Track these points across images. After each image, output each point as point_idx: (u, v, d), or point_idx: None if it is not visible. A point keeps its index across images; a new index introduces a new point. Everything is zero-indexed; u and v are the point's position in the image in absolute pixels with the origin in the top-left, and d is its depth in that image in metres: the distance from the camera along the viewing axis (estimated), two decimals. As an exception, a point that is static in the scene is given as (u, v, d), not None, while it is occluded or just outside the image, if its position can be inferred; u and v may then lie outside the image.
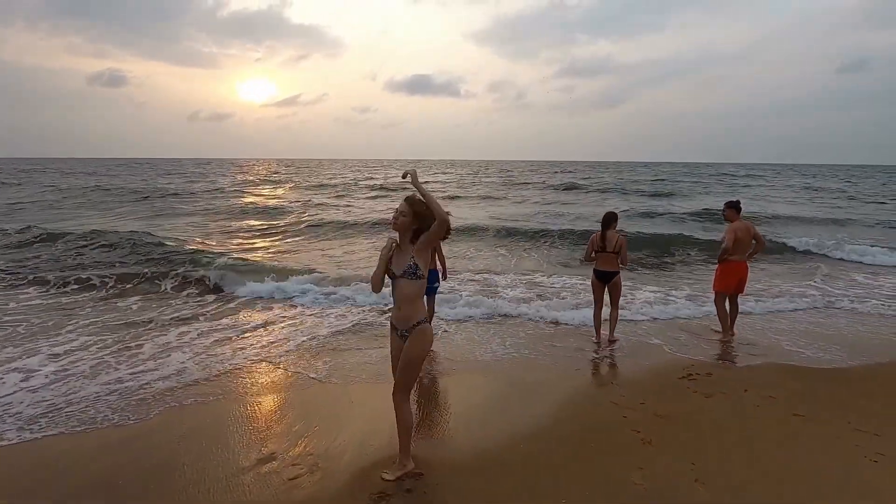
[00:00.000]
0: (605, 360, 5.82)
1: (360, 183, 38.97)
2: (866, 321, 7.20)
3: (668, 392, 4.77)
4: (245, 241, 14.56)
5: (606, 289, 6.24)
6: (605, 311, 6.40)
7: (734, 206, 6.43)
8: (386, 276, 3.29)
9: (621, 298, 6.47)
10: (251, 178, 47.98)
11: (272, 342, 6.19)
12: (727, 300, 6.54)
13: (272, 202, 24.64)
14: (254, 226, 17.62)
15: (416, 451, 3.58)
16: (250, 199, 26.70)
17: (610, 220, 6.12)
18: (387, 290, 3.40)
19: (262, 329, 6.70)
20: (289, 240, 15.13)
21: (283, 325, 6.91)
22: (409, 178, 3.21)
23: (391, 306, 3.43)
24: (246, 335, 6.45)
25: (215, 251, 11.86)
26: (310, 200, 25.54)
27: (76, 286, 8.79)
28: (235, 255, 11.24)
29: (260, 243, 14.36)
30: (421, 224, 3.14)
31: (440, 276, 6.18)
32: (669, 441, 3.83)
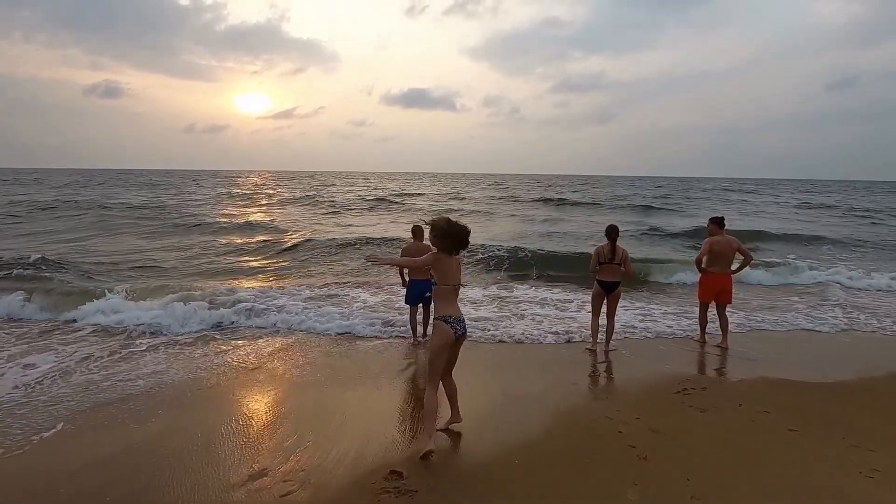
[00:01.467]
0: (600, 373, 5.81)
1: (327, 197, 37.41)
2: (860, 337, 7.26)
3: (663, 407, 4.76)
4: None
5: (606, 299, 6.39)
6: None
7: (716, 221, 6.70)
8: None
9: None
10: (236, 190, 46.36)
11: (259, 355, 6.13)
12: (716, 312, 6.73)
13: (220, 218, 22.62)
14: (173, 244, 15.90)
15: (407, 466, 3.54)
16: (209, 214, 24.72)
17: (615, 231, 6.31)
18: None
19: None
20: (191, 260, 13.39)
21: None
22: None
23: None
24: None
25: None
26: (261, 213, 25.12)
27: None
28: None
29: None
30: (438, 242, 3.76)
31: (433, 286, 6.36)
32: (665, 456, 3.80)
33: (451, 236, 3.72)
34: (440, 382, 3.96)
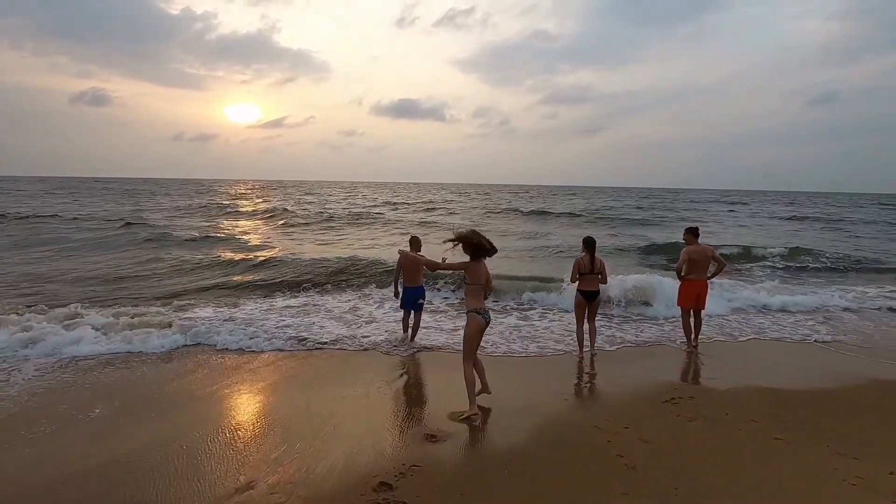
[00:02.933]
0: (588, 383, 5.84)
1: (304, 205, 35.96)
2: (842, 347, 7.37)
3: (652, 416, 4.78)
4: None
5: (587, 307, 6.65)
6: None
7: (691, 232, 7.16)
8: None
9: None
10: (200, 200, 42.55)
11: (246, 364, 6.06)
12: (691, 315, 7.14)
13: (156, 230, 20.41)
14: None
15: (396, 477, 3.52)
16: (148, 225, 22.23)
17: (594, 243, 6.54)
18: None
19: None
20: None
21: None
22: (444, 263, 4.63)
23: None
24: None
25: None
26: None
27: None
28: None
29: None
30: (467, 250, 4.55)
31: (425, 293, 7.02)
32: (653, 466, 3.82)
33: (475, 246, 4.51)
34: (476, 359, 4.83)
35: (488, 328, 4.97)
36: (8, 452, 4.02)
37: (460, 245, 4.56)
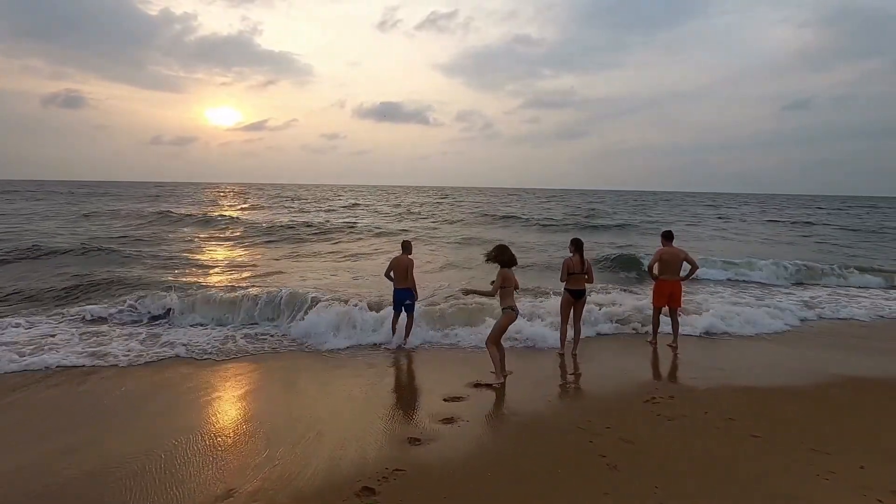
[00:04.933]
0: (570, 383, 5.89)
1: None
2: (817, 345, 7.57)
3: (633, 416, 4.84)
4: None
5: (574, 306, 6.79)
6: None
7: (665, 235, 7.53)
8: None
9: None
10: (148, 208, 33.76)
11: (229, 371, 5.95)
12: (668, 315, 7.39)
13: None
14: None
15: (379, 482, 3.50)
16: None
17: (582, 244, 6.77)
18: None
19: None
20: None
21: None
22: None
23: None
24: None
25: None
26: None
27: None
28: None
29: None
30: (498, 261, 5.69)
31: (414, 294, 7.23)
32: (635, 466, 3.87)
33: (504, 259, 5.65)
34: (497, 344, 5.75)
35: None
36: (-24, 465, 3.88)
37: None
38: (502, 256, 5.65)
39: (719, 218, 37.09)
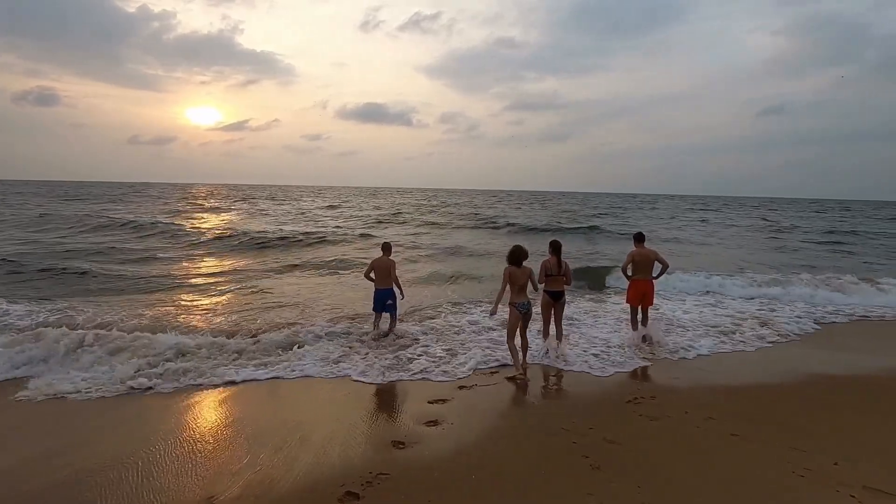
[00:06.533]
0: (553, 384, 5.92)
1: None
2: (790, 344, 7.75)
3: (616, 416, 4.89)
4: None
5: (553, 308, 6.85)
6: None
7: (637, 237, 7.79)
8: None
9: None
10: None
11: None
12: (640, 313, 7.63)
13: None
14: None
15: (362, 487, 3.46)
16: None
17: (560, 247, 6.78)
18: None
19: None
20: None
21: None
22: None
23: None
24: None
25: None
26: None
27: None
28: None
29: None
30: (508, 259, 6.18)
31: (399, 295, 7.64)
32: (618, 466, 3.90)
33: (513, 259, 6.09)
34: (515, 338, 6.23)
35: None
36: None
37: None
38: (509, 256, 6.17)
39: (702, 221, 37.65)
